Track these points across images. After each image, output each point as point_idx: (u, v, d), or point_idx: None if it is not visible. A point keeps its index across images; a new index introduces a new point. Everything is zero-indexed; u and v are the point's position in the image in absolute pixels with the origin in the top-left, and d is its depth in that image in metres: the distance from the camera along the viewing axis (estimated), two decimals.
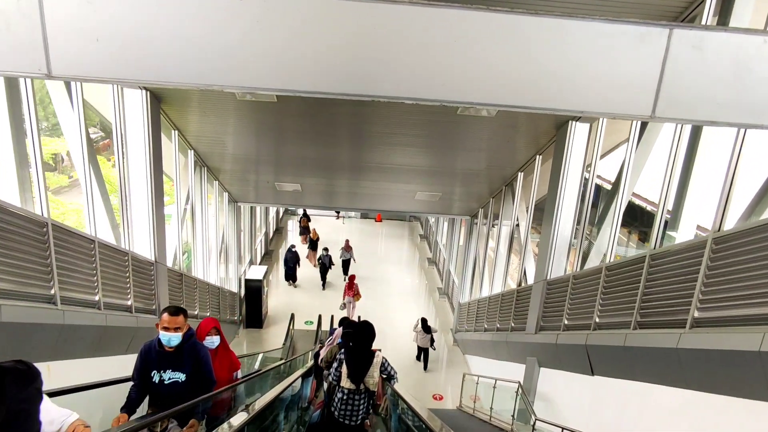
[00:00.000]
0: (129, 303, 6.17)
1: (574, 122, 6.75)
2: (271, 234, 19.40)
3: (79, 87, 4.88)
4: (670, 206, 4.95)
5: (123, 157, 5.96)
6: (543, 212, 7.80)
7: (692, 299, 4.14)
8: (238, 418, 3.47)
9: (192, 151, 8.60)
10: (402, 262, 19.14)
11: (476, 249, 12.27)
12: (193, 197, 9.06)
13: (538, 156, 8.14)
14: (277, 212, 21.13)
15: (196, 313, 9.10)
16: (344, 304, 14.11)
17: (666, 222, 5.10)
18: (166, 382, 3.50)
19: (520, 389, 7.43)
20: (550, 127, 7.19)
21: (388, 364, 4.73)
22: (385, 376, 4.74)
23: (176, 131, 7.71)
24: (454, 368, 12.04)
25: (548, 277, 7.33)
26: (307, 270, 17.06)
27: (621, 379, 5.32)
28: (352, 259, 16.66)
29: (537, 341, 7.50)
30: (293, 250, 15.81)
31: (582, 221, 6.60)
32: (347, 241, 17.02)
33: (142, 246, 6.87)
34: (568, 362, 6.54)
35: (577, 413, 6.37)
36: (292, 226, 22.43)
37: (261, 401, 3.98)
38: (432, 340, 11.55)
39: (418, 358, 12.24)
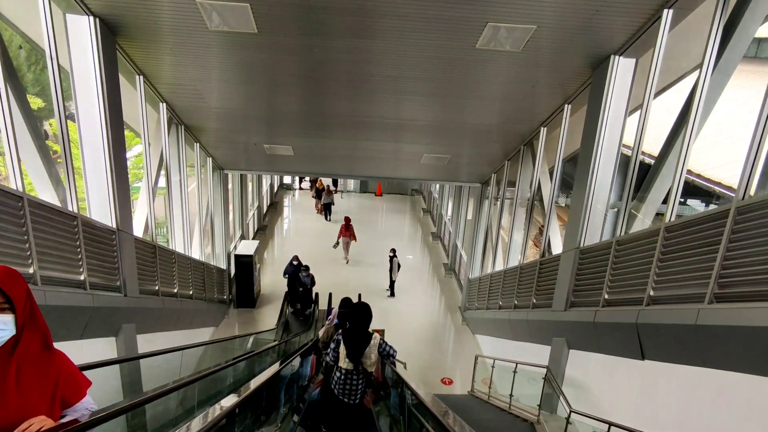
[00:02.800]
0: (81, 278, 5.10)
1: (616, 57, 5.59)
2: (265, 208, 18.28)
3: None
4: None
5: (59, 96, 4.78)
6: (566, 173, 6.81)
7: None
8: (229, 400, 3.12)
9: (164, 104, 7.41)
10: (404, 238, 18.07)
11: (488, 219, 11.18)
12: (168, 160, 7.90)
13: (566, 105, 6.98)
14: (272, 186, 19.97)
15: (174, 291, 8.05)
16: (338, 242, 15.13)
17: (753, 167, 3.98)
18: None
19: (548, 374, 6.43)
20: (583, 66, 6.01)
21: (386, 344, 4.69)
22: (384, 355, 4.68)
23: (141, 77, 6.52)
24: (464, 350, 11.09)
25: (581, 245, 6.26)
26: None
27: (686, 365, 4.28)
28: (332, 203, 18.80)
29: (567, 319, 6.47)
30: (295, 264, 12.03)
31: (629, 176, 5.47)
32: (328, 186, 19.04)
33: (101, 211, 5.77)
34: (610, 344, 5.51)
35: (620, 405, 5.37)
36: (289, 201, 21.35)
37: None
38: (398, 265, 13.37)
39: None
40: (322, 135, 8.84)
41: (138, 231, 7.24)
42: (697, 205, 12.87)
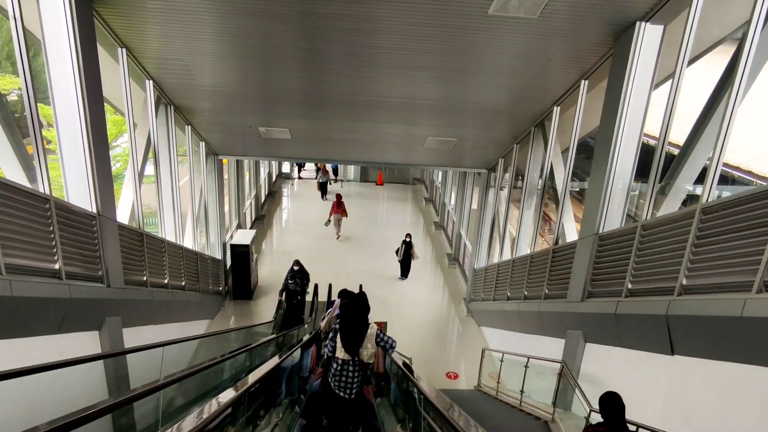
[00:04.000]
0: (56, 267, 4.64)
1: (642, 23, 5.08)
2: (263, 198, 17.81)
3: None
4: None
5: (24, 64, 4.29)
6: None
7: None
8: (226, 395, 3.06)
9: (151, 81, 6.91)
10: (406, 228, 17.57)
11: (495, 206, 10.70)
12: (157, 142, 7.42)
13: (583, 81, 6.48)
14: (270, 175, 19.49)
15: (165, 282, 7.61)
16: (329, 220, 15.33)
17: None
18: None
19: (565, 370, 6.01)
20: (604, 34, 5.50)
21: (384, 334, 4.71)
22: (382, 345, 4.69)
23: (124, 49, 6.02)
24: (469, 342, 10.67)
25: (600, 231, 5.80)
26: (308, 235, 15.77)
27: (726, 361, 3.84)
28: (329, 182, 19.48)
29: (583, 311, 6.02)
30: (296, 269, 10.42)
31: (657, 154, 4.99)
32: (323, 165, 19.36)
33: (80, 194, 5.30)
34: (634, 337, 5.07)
35: (645, 405, 4.93)
36: (288, 191, 20.87)
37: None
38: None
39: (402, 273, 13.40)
40: (321, 116, 8.34)
41: (124, 218, 6.80)
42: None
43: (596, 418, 5.14)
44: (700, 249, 4.11)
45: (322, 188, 19.22)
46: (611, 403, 3.59)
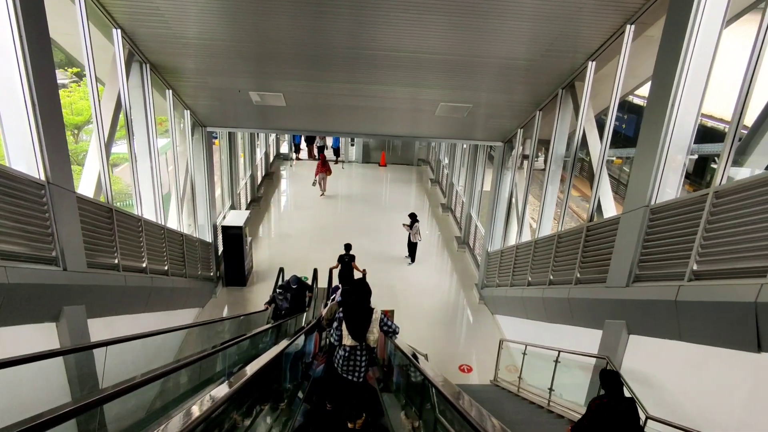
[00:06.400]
0: None
1: None
2: (259, 179, 16.83)
3: None
4: None
5: None
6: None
7: None
8: (221, 391, 2.86)
9: (119, 30, 5.90)
10: (411, 210, 16.65)
11: (513, 183, 9.73)
12: (128, 106, 6.44)
13: (629, 26, 5.47)
14: (267, 155, 18.48)
15: (143, 266, 6.69)
16: (316, 180, 16.55)
17: None
18: None
19: (609, 366, 5.11)
20: None
21: (388, 319, 4.75)
22: (385, 330, 4.71)
23: None
24: (483, 332, 9.80)
25: (652, 203, 4.84)
26: (304, 221, 14.91)
27: None
28: (325, 146, 20.46)
29: (628, 297, 5.11)
30: (294, 287, 8.67)
31: (740, 105, 3.99)
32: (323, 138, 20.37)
33: (23, 158, 4.36)
34: (702, 329, 4.14)
35: (715, 412, 4.03)
36: (286, 173, 19.88)
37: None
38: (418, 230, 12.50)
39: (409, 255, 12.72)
40: (319, 77, 7.29)
41: (91, 192, 5.86)
42: (736, 173, 11.37)
43: (653, 426, 4.29)
44: None
45: (319, 150, 20.35)
46: (612, 378, 4.10)
